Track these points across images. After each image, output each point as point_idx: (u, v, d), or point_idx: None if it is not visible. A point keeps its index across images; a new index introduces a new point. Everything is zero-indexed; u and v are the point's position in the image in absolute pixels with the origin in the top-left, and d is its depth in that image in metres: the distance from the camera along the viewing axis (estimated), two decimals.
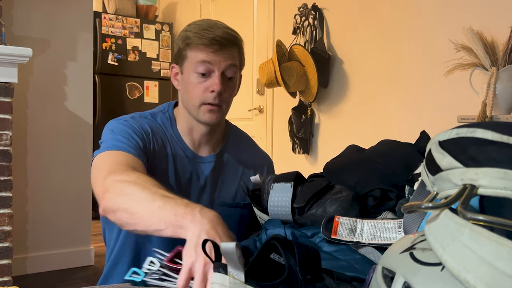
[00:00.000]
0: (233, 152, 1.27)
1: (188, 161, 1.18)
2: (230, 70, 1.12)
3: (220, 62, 1.10)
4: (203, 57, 1.09)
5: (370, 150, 1.14)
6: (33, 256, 2.91)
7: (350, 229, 0.82)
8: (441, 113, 2.32)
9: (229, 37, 1.10)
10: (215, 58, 1.09)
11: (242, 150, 1.30)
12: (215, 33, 1.08)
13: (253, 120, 3.62)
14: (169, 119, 1.20)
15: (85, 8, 3.11)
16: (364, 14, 2.75)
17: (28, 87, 2.88)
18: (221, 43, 1.08)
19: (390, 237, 0.78)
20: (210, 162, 1.21)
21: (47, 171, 2.96)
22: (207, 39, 1.08)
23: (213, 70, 1.10)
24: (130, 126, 1.11)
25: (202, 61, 1.09)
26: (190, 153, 1.19)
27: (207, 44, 1.08)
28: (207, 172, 1.20)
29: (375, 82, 2.69)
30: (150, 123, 1.16)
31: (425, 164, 0.46)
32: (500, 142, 0.38)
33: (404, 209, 0.44)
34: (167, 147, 1.16)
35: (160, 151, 1.14)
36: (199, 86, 1.12)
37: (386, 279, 0.42)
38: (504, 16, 2.02)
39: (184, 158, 1.18)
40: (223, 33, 1.09)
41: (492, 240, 0.34)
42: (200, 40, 1.08)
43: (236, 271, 0.51)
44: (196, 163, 1.20)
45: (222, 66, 1.10)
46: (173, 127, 1.20)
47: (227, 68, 1.11)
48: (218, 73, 1.10)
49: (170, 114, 1.22)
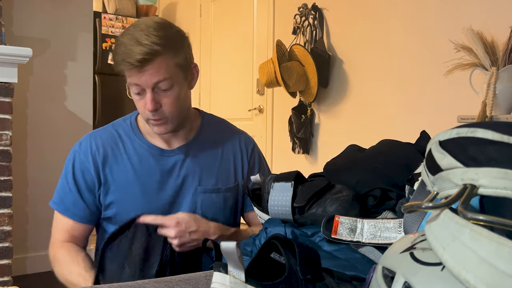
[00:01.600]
0: (208, 138, 1.27)
1: (154, 159, 1.20)
2: (161, 84, 1.10)
3: (146, 81, 1.09)
4: (132, 80, 1.10)
5: (370, 150, 1.14)
6: (33, 256, 2.91)
7: (350, 228, 0.82)
8: (441, 113, 2.32)
9: (146, 55, 1.05)
10: (140, 78, 1.08)
11: (218, 134, 1.29)
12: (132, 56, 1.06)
13: (253, 120, 3.62)
14: (130, 125, 1.24)
15: (85, 8, 3.11)
16: (364, 14, 2.75)
17: (28, 87, 2.88)
18: (140, 63, 1.06)
19: (390, 237, 0.78)
20: (181, 153, 1.22)
21: (47, 171, 2.96)
22: (126, 65, 1.07)
23: (144, 89, 1.10)
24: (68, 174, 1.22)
25: (132, 84, 1.11)
26: (156, 151, 1.21)
27: (129, 68, 1.08)
28: (180, 163, 1.22)
29: (375, 82, 2.70)
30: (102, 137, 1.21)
31: (425, 164, 0.46)
32: (500, 142, 0.38)
33: (404, 209, 0.44)
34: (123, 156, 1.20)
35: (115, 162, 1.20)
36: (139, 103, 1.14)
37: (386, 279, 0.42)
38: (504, 16, 2.02)
39: (149, 158, 1.20)
40: (140, 52, 1.05)
41: (492, 240, 0.34)
42: (122, 65, 1.08)
43: (237, 271, 0.51)
44: (165, 157, 1.21)
45: (149, 84, 1.09)
46: (135, 132, 1.23)
47: (156, 84, 1.09)
48: (149, 92, 1.09)
49: (131, 120, 1.25)
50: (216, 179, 1.24)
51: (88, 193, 1.20)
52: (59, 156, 3.02)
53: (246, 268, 0.52)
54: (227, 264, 0.52)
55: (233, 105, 3.79)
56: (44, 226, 3.06)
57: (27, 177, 2.89)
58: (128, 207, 1.17)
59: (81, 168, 1.20)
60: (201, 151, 1.25)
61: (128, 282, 0.83)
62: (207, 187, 1.22)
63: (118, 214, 1.18)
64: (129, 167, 1.19)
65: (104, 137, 1.22)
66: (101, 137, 1.22)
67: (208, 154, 1.25)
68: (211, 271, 0.97)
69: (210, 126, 1.30)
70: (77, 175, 1.20)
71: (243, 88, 3.72)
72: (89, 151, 1.20)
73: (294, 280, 0.52)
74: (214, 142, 1.27)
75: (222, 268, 0.52)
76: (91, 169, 1.19)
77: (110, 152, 1.20)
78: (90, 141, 1.21)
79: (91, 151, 1.20)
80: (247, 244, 0.94)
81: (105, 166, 1.19)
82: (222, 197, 1.24)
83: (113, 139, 1.21)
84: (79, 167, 1.20)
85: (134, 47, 1.06)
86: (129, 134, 1.22)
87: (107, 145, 1.20)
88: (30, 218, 2.91)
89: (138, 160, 1.20)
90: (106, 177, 1.19)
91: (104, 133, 1.23)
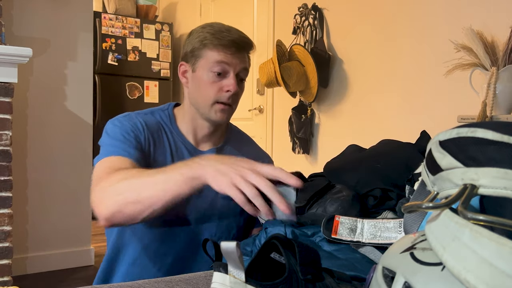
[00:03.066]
0: (234, 147, 1.29)
1: (188, 153, 1.21)
2: (243, 73, 1.17)
3: (236, 64, 1.14)
4: (221, 58, 1.13)
5: (371, 150, 1.15)
6: (33, 256, 2.91)
7: (350, 228, 0.82)
8: (441, 113, 2.32)
9: (245, 41, 1.15)
10: (231, 59, 1.14)
11: (243, 146, 1.32)
12: (233, 36, 1.13)
13: (253, 120, 3.62)
14: (169, 117, 1.23)
15: (85, 8, 3.11)
16: (364, 14, 2.75)
17: (28, 87, 2.88)
18: (239, 46, 1.13)
19: (390, 237, 0.79)
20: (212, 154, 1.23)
21: (47, 171, 2.96)
22: (227, 41, 1.12)
23: (228, 71, 1.15)
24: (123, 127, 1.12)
25: (219, 61, 1.14)
26: (190, 146, 1.22)
27: (225, 46, 1.13)
28: None
29: (375, 82, 2.70)
30: (146, 119, 1.18)
31: (425, 164, 0.46)
32: (500, 142, 0.38)
33: (404, 209, 0.44)
34: (164, 140, 1.19)
35: (158, 144, 1.17)
36: (214, 85, 1.15)
37: (387, 279, 0.42)
38: (504, 16, 2.02)
39: (184, 151, 1.20)
40: (240, 37, 1.14)
41: (492, 240, 0.34)
42: (219, 41, 1.13)
43: (237, 271, 0.51)
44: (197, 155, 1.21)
45: (237, 68, 1.15)
46: (172, 124, 1.22)
47: (241, 70, 1.16)
48: (233, 74, 1.15)
49: (169, 112, 1.25)
50: None
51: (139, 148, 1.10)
52: (59, 156, 3.03)
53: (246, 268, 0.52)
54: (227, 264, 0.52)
55: None
56: (44, 226, 3.07)
57: (27, 177, 2.90)
58: None
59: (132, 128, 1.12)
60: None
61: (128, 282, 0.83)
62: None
63: None
64: (168, 153, 1.19)
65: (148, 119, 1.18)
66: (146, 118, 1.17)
67: None
68: (211, 271, 0.97)
69: (236, 136, 1.33)
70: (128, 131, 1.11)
71: None
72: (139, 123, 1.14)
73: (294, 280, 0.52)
74: (239, 151, 1.29)
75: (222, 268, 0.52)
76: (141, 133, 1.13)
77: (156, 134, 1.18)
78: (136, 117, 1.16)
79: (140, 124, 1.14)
80: (247, 244, 0.94)
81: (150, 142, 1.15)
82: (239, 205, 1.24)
83: (157, 123, 1.20)
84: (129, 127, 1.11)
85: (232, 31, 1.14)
86: (168, 124, 1.22)
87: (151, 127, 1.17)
88: (30, 218, 2.91)
89: (175, 150, 1.20)
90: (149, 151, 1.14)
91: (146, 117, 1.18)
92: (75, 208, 3.06)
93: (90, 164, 3.09)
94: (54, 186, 2.99)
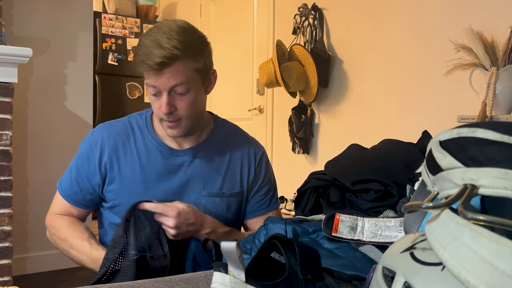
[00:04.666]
0: (218, 142, 1.28)
1: (163, 157, 1.22)
2: (178, 88, 1.11)
3: (163, 84, 1.10)
4: (148, 81, 1.12)
5: (372, 149, 1.15)
6: (33, 256, 2.91)
7: (351, 227, 0.82)
8: (441, 113, 2.32)
9: (165, 59, 1.07)
10: (158, 81, 1.10)
11: (228, 140, 1.30)
12: (151, 59, 1.07)
13: (253, 120, 3.62)
14: (145, 120, 1.26)
15: (85, 8, 3.11)
16: (364, 14, 2.75)
17: (28, 87, 2.88)
18: (158, 67, 1.07)
19: (391, 236, 0.79)
20: (189, 154, 1.23)
21: (47, 171, 2.96)
22: (145, 67, 1.09)
23: (160, 91, 1.12)
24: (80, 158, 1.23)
25: (149, 85, 1.13)
26: (166, 148, 1.23)
27: (147, 70, 1.09)
28: (187, 164, 1.22)
29: (375, 82, 2.69)
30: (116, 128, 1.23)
31: (425, 163, 0.46)
32: (500, 142, 0.38)
33: (404, 209, 0.44)
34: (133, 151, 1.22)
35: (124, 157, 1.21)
36: (154, 104, 1.16)
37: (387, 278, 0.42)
38: (504, 16, 2.02)
39: (158, 156, 1.22)
40: (159, 56, 1.06)
41: (492, 240, 0.34)
42: (141, 67, 1.10)
43: (237, 270, 0.51)
44: (174, 157, 1.23)
45: (166, 87, 1.10)
46: (148, 128, 1.25)
47: (173, 87, 1.11)
48: (165, 94, 1.11)
49: (147, 116, 1.27)
50: (221, 184, 1.24)
51: (87, 181, 1.22)
52: (59, 156, 3.02)
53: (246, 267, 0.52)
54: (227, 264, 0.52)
55: (233, 105, 3.79)
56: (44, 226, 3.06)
57: (27, 177, 2.89)
58: (130, 201, 1.17)
59: (87, 155, 1.22)
60: (209, 154, 1.25)
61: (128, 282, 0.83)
62: (212, 191, 1.23)
63: (119, 205, 1.20)
64: (137, 162, 1.21)
65: (117, 129, 1.24)
66: (114, 129, 1.24)
67: (216, 158, 1.26)
68: (211, 271, 0.97)
69: (221, 130, 1.31)
70: (82, 161, 1.23)
71: (243, 88, 3.72)
72: (99, 140, 1.22)
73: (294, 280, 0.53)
74: (223, 147, 1.28)
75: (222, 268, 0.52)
76: (96, 158, 1.21)
77: (120, 144, 1.22)
78: (102, 131, 1.24)
79: (101, 140, 1.22)
80: (247, 241, 0.94)
81: (112, 157, 1.20)
82: (226, 201, 1.24)
83: (126, 132, 1.23)
84: (86, 153, 1.22)
85: (154, 49, 1.07)
86: (142, 130, 1.24)
87: (118, 137, 1.22)
88: (30, 218, 2.91)
89: (146, 156, 1.21)
90: (112, 168, 1.20)
91: (118, 125, 1.25)
92: None
93: None
94: (54, 186, 2.98)
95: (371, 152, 1.14)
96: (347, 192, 1.02)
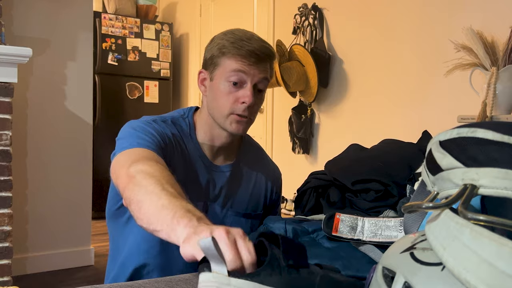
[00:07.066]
0: (247, 162, 1.27)
1: (205, 169, 1.17)
2: (262, 83, 1.12)
3: (254, 74, 1.10)
4: (238, 67, 1.09)
5: (373, 149, 1.15)
6: (33, 256, 2.90)
7: (351, 226, 0.83)
8: (441, 113, 2.32)
9: (265, 51, 1.10)
10: (249, 69, 1.09)
11: (255, 160, 1.29)
12: (253, 46, 1.09)
13: None
14: (189, 126, 1.19)
15: (85, 8, 3.11)
16: (364, 14, 2.75)
17: (28, 87, 2.88)
18: (258, 56, 1.09)
19: (391, 235, 0.79)
20: (226, 171, 1.21)
21: (47, 171, 2.96)
22: (245, 51, 1.08)
23: (245, 81, 1.10)
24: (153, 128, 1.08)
25: (236, 71, 1.09)
26: (207, 161, 1.18)
27: (244, 55, 1.08)
28: (222, 182, 1.20)
29: (375, 82, 2.69)
30: (171, 129, 1.14)
31: (425, 164, 0.46)
32: (501, 142, 0.38)
33: (404, 209, 0.44)
34: (184, 154, 1.15)
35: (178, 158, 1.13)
36: (230, 95, 1.11)
37: (387, 278, 0.42)
38: (504, 16, 2.02)
39: (201, 167, 1.17)
40: (260, 47, 1.10)
41: (492, 240, 0.34)
42: (237, 51, 1.08)
43: (219, 266, 0.52)
44: (212, 171, 1.19)
45: (255, 78, 1.10)
46: (191, 134, 1.18)
47: (259, 81, 1.11)
48: (251, 85, 1.10)
49: (190, 120, 1.20)
50: (247, 204, 1.24)
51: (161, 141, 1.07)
52: (59, 156, 3.03)
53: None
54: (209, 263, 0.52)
55: None
56: (44, 226, 3.07)
57: (27, 177, 2.89)
58: None
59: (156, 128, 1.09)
60: (241, 174, 1.24)
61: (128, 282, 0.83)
62: (239, 211, 1.22)
63: None
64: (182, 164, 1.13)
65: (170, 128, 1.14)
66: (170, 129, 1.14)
67: (245, 179, 1.25)
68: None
69: (249, 149, 1.30)
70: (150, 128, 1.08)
71: None
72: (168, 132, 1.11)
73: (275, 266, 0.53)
74: (252, 168, 1.27)
75: (206, 268, 0.52)
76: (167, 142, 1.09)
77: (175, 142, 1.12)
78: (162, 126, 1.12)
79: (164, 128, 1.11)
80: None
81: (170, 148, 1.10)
82: (250, 222, 1.24)
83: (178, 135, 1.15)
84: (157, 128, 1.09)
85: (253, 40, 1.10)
86: (187, 135, 1.18)
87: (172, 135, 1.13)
88: (30, 218, 2.91)
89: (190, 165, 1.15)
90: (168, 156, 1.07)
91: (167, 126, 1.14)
92: (75, 208, 3.06)
93: (90, 164, 3.09)
94: (53, 186, 2.99)
95: (371, 152, 1.14)
96: (347, 192, 1.02)
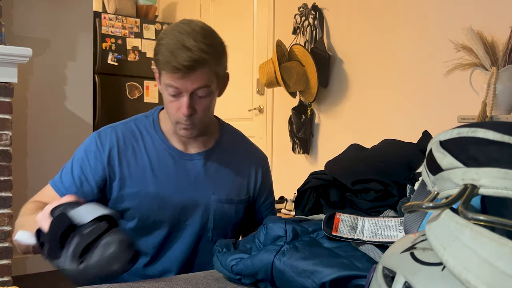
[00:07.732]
0: (227, 148, 1.27)
1: (173, 161, 1.19)
2: (200, 91, 1.09)
3: (187, 86, 1.07)
4: (170, 82, 1.08)
5: (373, 149, 1.15)
6: (33, 256, 2.90)
7: (351, 226, 0.82)
8: (441, 113, 2.32)
9: (194, 62, 1.05)
10: (181, 83, 1.07)
11: (236, 146, 1.30)
12: (178, 60, 1.04)
13: (253, 120, 3.62)
14: (152, 122, 1.22)
15: (85, 8, 3.11)
16: (364, 14, 2.75)
17: (28, 87, 2.88)
18: (186, 69, 1.05)
19: (391, 235, 0.79)
20: (200, 159, 1.22)
21: (47, 171, 2.96)
22: (171, 67, 1.05)
23: (181, 93, 1.09)
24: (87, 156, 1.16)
25: (169, 85, 1.08)
26: (176, 152, 1.20)
27: (172, 70, 1.05)
28: (197, 169, 1.21)
29: (375, 82, 2.70)
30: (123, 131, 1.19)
31: (425, 163, 0.46)
32: (501, 142, 0.38)
33: (404, 209, 0.44)
34: (143, 154, 1.18)
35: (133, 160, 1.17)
36: (171, 104, 1.11)
37: (387, 278, 0.42)
38: (504, 16, 2.02)
39: (168, 158, 1.19)
40: (188, 59, 1.04)
41: (492, 240, 0.34)
42: (166, 67, 1.06)
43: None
44: (184, 161, 1.20)
45: (189, 89, 1.08)
46: (156, 130, 1.21)
47: (195, 90, 1.09)
48: (187, 96, 1.08)
49: (154, 117, 1.23)
50: (229, 190, 1.24)
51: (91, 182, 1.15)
52: (59, 156, 3.02)
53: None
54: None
55: (233, 105, 3.79)
56: None
57: (27, 177, 2.89)
58: (142, 204, 1.16)
59: (94, 155, 1.16)
60: (219, 160, 1.24)
61: (128, 282, 0.83)
62: (221, 197, 1.22)
63: (131, 208, 1.16)
64: (147, 164, 1.17)
65: (125, 131, 1.19)
66: (122, 131, 1.19)
67: (225, 164, 1.25)
68: (211, 271, 0.98)
69: (229, 136, 1.30)
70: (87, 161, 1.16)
71: (243, 88, 3.72)
72: (107, 142, 1.17)
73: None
74: (231, 153, 1.27)
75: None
76: (104, 160, 1.15)
77: (130, 147, 1.18)
78: (110, 132, 1.18)
79: (109, 142, 1.17)
80: (247, 241, 0.94)
81: (122, 160, 1.16)
82: (234, 208, 1.24)
83: (134, 134, 1.19)
84: (92, 154, 1.16)
85: (181, 51, 1.04)
86: (150, 132, 1.21)
87: (127, 139, 1.18)
88: None
89: (157, 159, 1.18)
90: (122, 171, 1.16)
91: (125, 128, 1.20)
92: None
93: None
94: None
95: (371, 152, 1.14)
96: (347, 192, 1.02)
